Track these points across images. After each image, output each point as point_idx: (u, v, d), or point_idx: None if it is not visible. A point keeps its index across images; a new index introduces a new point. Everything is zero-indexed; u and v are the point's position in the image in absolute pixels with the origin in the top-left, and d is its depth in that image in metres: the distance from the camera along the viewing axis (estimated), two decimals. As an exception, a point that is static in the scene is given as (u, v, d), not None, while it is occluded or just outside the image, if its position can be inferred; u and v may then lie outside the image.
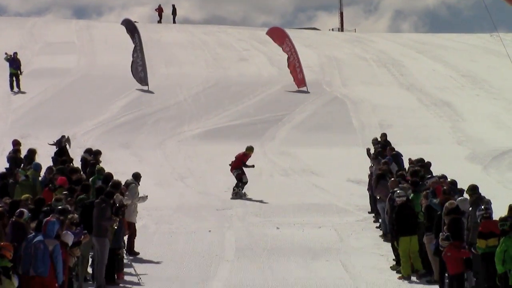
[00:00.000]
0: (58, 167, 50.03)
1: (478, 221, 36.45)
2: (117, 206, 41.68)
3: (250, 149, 53.63)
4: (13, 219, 34.03)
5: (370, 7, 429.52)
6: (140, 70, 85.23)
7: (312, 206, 54.65)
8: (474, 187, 41.28)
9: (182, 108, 79.13)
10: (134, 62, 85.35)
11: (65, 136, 60.96)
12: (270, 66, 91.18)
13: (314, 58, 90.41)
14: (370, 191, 54.74)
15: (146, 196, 47.76)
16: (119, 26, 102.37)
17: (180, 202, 53.12)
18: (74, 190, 42.77)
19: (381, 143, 60.96)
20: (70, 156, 56.30)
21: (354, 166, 59.52)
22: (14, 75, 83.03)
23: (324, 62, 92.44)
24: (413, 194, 42.88)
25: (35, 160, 53.70)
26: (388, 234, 47.47)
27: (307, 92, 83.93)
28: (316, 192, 58.08)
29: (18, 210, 35.02)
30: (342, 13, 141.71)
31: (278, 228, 49.81)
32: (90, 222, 40.06)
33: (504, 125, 69.58)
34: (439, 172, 48.31)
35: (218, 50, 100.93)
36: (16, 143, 56.21)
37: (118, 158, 59.24)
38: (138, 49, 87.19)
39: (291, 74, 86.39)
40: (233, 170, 51.88)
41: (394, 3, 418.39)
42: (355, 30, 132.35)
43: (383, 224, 48.36)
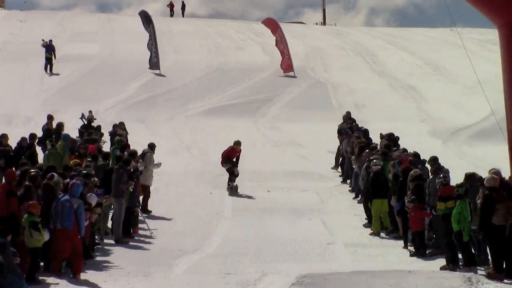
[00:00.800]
0: (86, 138, 50.36)
1: (438, 187, 36.60)
2: (132, 171, 42.19)
3: (237, 143, 48.77)
4: (44, 182, 34.11)
5: (349, 5, 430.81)
6: (153, 56, 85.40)
7: (297, 173, 54.79)
8: (434, 158, 41.79)
9: (188, 89, 79.20)
10: (149, 50, 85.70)
11: (91, 111, 61.08)
12: (263, 55, 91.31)
13: (300, 48, 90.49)
14: (342, 161, 56.23)
15: (160, 163, 48.42)
16: (136, 18, 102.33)
17: (186, 169, 53.19)
18: (97, 157, 42.92)
19: (347, 121, 61.36)
20: (100, 129, 56.46)
21: (332, 139, 59.48)
22: (49, 59, 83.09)
23: (309, 51, 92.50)
24: (382, 163, 43.07)
25: (63, 132, 53.76)
26: (359, 195, 48.11)
27: (294, 76, 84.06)
28: (300, 161, 58.17)
29: (49, 174, 35.29)
30: (325, 10, 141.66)
31: (268, 191, 49.92)
32: (110, 185, 40.48)
33: (460, 106, 69.74)
34: (406, 145, 48.82)
35: (219, 40, 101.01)
36: (49, 117, 56.13)
37: (134, 131, 59.22)
38: (152, 38, 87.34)
39: (281, 56, 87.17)
40: (223, 164, 47.59)
41: (369, 2, 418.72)
42: (336, 24, 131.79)
43: (356, 188, 48.45)
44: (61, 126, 55.03)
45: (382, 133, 54.40)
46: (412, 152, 44.89)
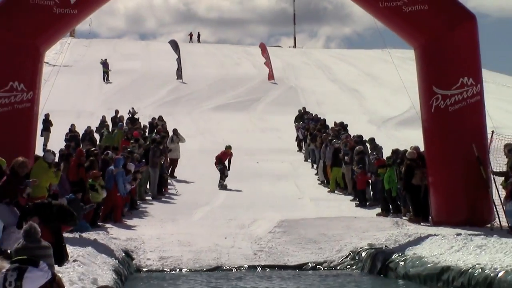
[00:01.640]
0: (130, 127, 50.88)
1: (372, 161, 37.19)
2: (162, 149, 43.02)
3: (228, 147, 45.70)
4: (102, 157, 34.47)
5: (312, 34, 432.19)
6: (178, 70, 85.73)
7: (277, 149, 54.92)
8: (372, 139, 42.38)
9: (202, 92, 79.42)
10: (177, 65, 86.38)
11: (133, 108, 61.26)
12: (253, 69, 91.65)
13: (279, 63, 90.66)
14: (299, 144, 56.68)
15: (184, 139, 49.34)
16: (165, 44, 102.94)
17: (200, 147, 53.33)
18: (138, 139, 43.36)
19: (301, 112, 62.70)
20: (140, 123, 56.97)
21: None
22: (105, 72, 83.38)
23: (285, 66, 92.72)
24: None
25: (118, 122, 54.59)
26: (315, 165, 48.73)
27: (275, 83, 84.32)
28: (279, 141, 58.33)
29: (105, 151, 36.07)
30: (295, 37, 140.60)
31: (257, 162, 50.03)
32: (148, 159, 41.28)
33: (389, 103, 70.00)
34: (352, 130, 49.32)
35: (223, 59, 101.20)
36: (103, 117, 56.73)
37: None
38: (178, 57, 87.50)
39: (267, 68, 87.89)
40: (217, 165, 44.36)
41: (326, 31, 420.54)
42: (303, 47, 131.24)
43: (316, 160, 48.39)
44: (118, 119, 55.57)
45: (336, 121, 54.75)
46: (356, 135, 44.92)
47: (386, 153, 38.54)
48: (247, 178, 45.32)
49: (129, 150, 39.70)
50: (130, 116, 58.50)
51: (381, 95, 75.73)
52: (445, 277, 22.65)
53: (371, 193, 38.79)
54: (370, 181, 38.76)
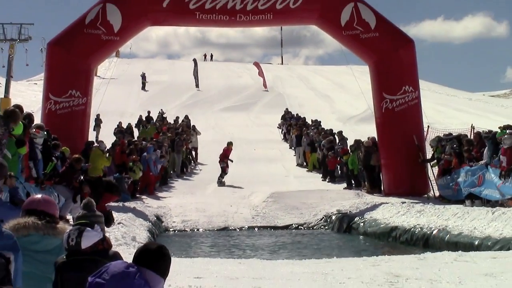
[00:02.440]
0: (160, 124, 50.81)
1: (338, 150, 37.09)
2: (183, 140, 42.45)
3: (230, 143, 40.43)
4: (139, 146, 34.41)
5: (295, 54, 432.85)
6: (196, 81, 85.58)
7: (268, 140, 54.67)
8: (340, 132, 41.97)
9: (213, 97, 79.02)
10: (195, 77, 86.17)
11: (162, 110, 61.17)
12: (251, 80, 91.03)
13: (270, 76, 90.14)
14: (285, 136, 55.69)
15: (200, 132, 49.26)
16: (187, 62, 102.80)
17: (213, 138, 52.91)
18: (166, 133, 43.25)
19: (285, 112, 62.20)
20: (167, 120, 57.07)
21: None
22: (143, 83, 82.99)
23: (274, 78, 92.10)
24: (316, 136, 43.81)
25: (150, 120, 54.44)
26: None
27: (267, 91, 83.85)
28: (270, 133, 58.02)
29: (142, 142, 35.80)
30: (282, 56, 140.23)
31: (254, 149, 49.74)
32: (174, 147, 40.75)
33: (351, 105, 69.43)
34: (324, 126, 48.74)
35: (229, 73, 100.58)
36: (140, 117, 56.68)
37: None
38: (196, 71, 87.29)
39: (261, 78, 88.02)
40: (220, 162, 38.80)
41: (305, 52, 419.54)
42: (288, 64, 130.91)
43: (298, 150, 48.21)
44: (149, 118, 55.40)
45: (312, 119, 54.57)
46: (328, 129, 44.84)
47: (350, 142, 38.24)
48: (247, 161, 45.19)
49: (159, 141, 39.69)
50: (160, 115, 58.47)
51: (345, 100, 75.31)
52: (393, 234, 22.94)
53: (339, 172, 38.86)
54: (338, 164, 38.92)
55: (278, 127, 60.53)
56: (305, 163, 45.61)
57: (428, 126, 31.42)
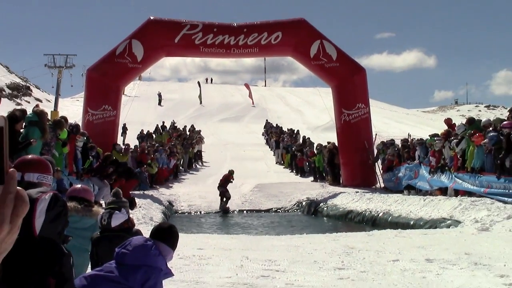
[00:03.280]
0: (172, 131, 50.46)
1: (308, 152, 36.75)
2: (191, 143, 41.96)
3: (231, 172, 31.14)
4: (155, 148, 34.37)
5: (275, 78, 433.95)
6: (200, 98, 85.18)
7: (254, 143, 54.29)
8: (308, 139, 41.37)
9: (213, 111, 78.57)
10: (199, 96, 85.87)
11: (174, 121, 60.95)
12: (241, 98, 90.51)
13: (256, 95, 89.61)
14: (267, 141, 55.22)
15: (203, 138, 48.77)
16: (194, 84, 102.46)
17: (212, 142, 52.64)
18: (178, 138, 43.00)
19: (267, 123, 61.86)
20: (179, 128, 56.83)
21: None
22: (159, 100, 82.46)
23: (260, 96, 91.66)
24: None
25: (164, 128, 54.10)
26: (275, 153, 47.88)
27: (254, 106, 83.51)
28: (255, 139, 57.72)
29: (156, 145, 35.66)
30: (266, 80, 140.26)
31: (244, 151, 49.45)
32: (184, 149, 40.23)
33: (318, 118, 69.14)
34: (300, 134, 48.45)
35: (224, 93, 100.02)
36: (156, 126, 56.11)
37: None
38: (200, 91, 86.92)
39: (250, 98, 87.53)
40: (219, 187, 29.82)
41: (283, 77, 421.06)
42: (270, 86, 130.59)
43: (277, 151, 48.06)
44: (164, 127, 55.10)
45: (288, 128, 54.46)
46: (303, 136, 44.68)
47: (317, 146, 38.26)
48: (238, 160, 44.97)
49: (172, 144, 39.97)
50: (172, 125, 58.24)
51: (313, 113, 74.93)
52: (349, 216, 22.96)
53: (308, 168, 38.80)
54: (306, 162, 38.82)
55: (262, 134, 60.48)
56: (282, 162, 45.64)
57: (375, 134, 31.40)
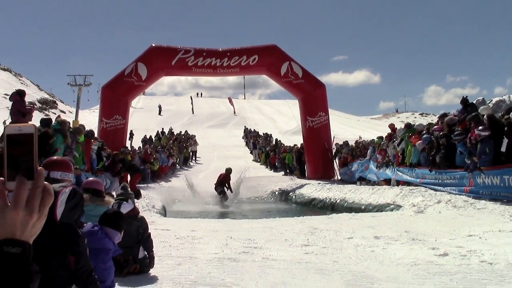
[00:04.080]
0: (170, 136, 50.11)
1: (281, 150, 36.67)
2: (186, 145, 41.57)
3: (229, 170, 27.67)
4: (156, 149, 33.97)
5: (253, 92, 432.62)
6: (192, 109, 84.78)
7: (236, 145, 54.15)
8: (279, 141, 41.23)
9: (203, 119, 78.11)
10: (192, 107, 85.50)
11: (171, 127, 60.60)
12: (226, 109, 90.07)
13: (237, 106, 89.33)
14: (246, 143, 55.02)
15: (197, 141, 48.26)
16: (187, 97, 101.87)
17: (202, 144, 52.14)
18: (175, 142, 42.71)
19: (246, 128, 61.33)
20: (174, 133, 56.41)
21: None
22: (159, 110, 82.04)
23: (240, 107, 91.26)
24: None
25: (163, 133, 53.68)
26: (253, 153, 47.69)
27: (236, 115, 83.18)
28: (238, 141, 57.54)
29: (158, 147, 35.23)
30: (245, 94, 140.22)
31: (228, 151, 49.26)
32: (179, 150, 39.83)
33: (287, 124, 69.06)
34: (273, 137, 48.23)
35: (212, 104, 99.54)
36: (157, 131, 55.74)
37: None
38: (192, 103, 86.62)
39: (232, 107, 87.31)
40: (217, 188, 26.77)
41: (259, 91, 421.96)
42: (248, 99, 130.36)
43: (254, 151, 47.98)
44: (163, 132, 54.77)
45: (263, 132, 54.29)
46: (276, 138, 44.56)
47: (288, 146, 38.05)
48: (223, 158, 44.71)
49: (168, 147, 39.31)
50: (170, 131, 57.94)
51: (284, 121, 74.92)
52: (313, 203, 22.92)
53: (279, 165, 38.76)
54: (278, 160, 38.75)
55: (242, 138, 60.34)
56: (258, 160, 45.59)
57: (333, 137, 31.42)
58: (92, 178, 8.12)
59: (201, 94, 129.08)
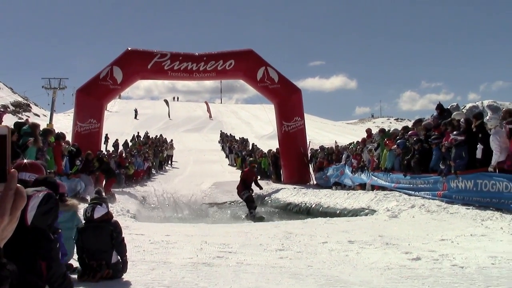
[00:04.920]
0: (145, 140, 49.75)
1: (257, 155, 36.58)
2: (161, 149, 41.31)
3: (254, 166, 23.77)
4: (131, 153, 33.72)
5: (229, 97, 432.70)
6: (169, 114, 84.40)
7: (213, 149, 54.05)
8: (256, 146, 41.09)
9: (179, 123, 77.91)
10: (168, 111, 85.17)
11: (147, 131, 60.24)
12: (202, 113, 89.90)
13: (214, 110, 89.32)
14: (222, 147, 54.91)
15: (174, 148, 48.35)
16: (162, 102, 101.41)
17: (178, 148, 52.13)
18: (150, 145, 42.46)
19: (222, 133, 61.12)
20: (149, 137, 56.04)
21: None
22: (135, 114, 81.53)
23: (216, 111, 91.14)
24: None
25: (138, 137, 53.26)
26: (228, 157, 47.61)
27: (212, 119, 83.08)
28: (214, 145, 57.43)
29: (134, 151, 34.95)
30: (222, 98, 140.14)
31: (204, 155, 49.20)
32: (155, 154, 39.59)
33: (263, 128, 69.16)
34: (250, 142, 48.20)
35: (188, 108, 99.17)
36: (132, 135, 55.26)
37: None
38: (168, 107, 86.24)
39: (209, 113, 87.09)
40: (240, 192, 22.08)
41: (236, 96, 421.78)
42: (224, 103, 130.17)
43: (230, 156, 47.93)
44: (139, 136, 54.36)
45: (239, 137, 54.26)
46: (252, 143, 44.56)
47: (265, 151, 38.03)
48: (199, 162, 44.74)
49: (142, 152, 39.06)
50: (146, 134, 57.59)
51: (260, 125, 75.02)
52: (289, 207, 22.94)
53: (256, 169, 38.77)
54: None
55: (218, 142, 60.28)
56: (234, 164, 45.55)
57: (309, 141, 31.54)
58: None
59: (177, 98, 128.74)
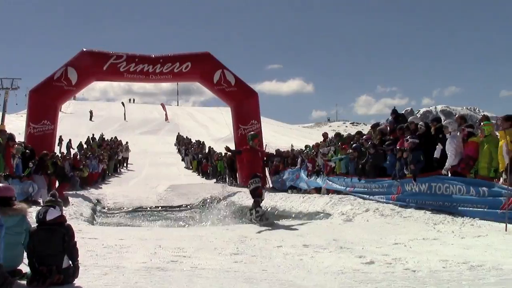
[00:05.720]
0: (101, 142, 49.16)
1: (213, 157, 36.41)
2: (116, 151, 40.88)
3: (254, 136, 18.98)
4: (86, 156, 33.28)
5: (186, 99, 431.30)
6: (124, 115, 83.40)
7: (169, 152, 53.92)
8: (211, 148, 41.04)
9: (135, 126, 77.00)
10: (124, 113, 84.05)
11: (103, 133, 59.37)
12: (158, 115, 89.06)
13: (170, 112, 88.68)
14: (178, 150, 54.49)
15: (130, 150, 47.82)
16: (119, 104, 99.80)
17: (134, 151, 51.51)
18: (109, 149, 41.97)
19: (179, 135, 60.89)
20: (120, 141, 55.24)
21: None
22: (91, 116, 79.97)
23: (173, 114, 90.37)
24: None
25: (93, 139, 52.44)
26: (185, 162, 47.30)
27: (169, 122, 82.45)
28: (170, 148, 57.33)
29: (89, 154, 34.42)
30: (178, 100, 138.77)
31: (160, 158, 48.87)
32: (110, 156, 39.08)
33: (220, 131, 68.93)
34: (207, 144, 48.08)
35: (145, 110, 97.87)
36: (91, 137, 54.47)
37: (124, 139, 59.06)
38: (125, 109, 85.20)
39: (164, 114, 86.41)
40: (249, 180, 17.86)
41: (193, 98, 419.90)
42: (181, 105, 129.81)
43: (186, 158, 47.72)
44: (94, 138, 53.52)
45: (196, 140, 54.02)
46: (209, 146, 44.53)
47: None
48: (155, 165, 44.42)
49: (102, 152, 38.64)
50: (101, 137, 56.69)
51: (216, 128, 74.57)
52: (244, 211, 22.66)
53: (211, 172, 38.69)
54: (210, 167, 38.68)
55: (174, 145, 59.93)
56: (190, 167, 45.44)
57: (266, 145, 31.50)
58: (0, 185, 7.77)
59: (133, 100, 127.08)
